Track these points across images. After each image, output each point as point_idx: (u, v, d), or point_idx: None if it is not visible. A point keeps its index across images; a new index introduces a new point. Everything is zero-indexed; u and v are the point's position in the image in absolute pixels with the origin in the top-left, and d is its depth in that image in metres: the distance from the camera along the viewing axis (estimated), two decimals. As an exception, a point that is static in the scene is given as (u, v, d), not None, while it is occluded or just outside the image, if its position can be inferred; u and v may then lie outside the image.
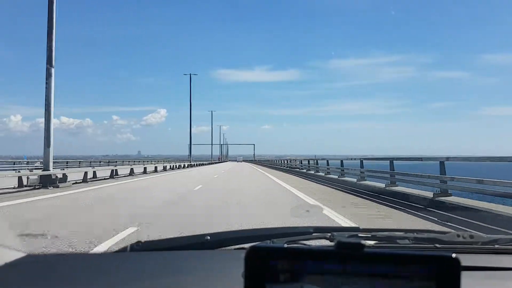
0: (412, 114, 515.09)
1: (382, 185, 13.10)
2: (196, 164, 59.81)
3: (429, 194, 9.98)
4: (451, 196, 9.40)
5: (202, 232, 1.41)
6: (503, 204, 7.82)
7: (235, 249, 1.36)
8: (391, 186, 12.47)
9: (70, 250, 4.86)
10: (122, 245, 1.40)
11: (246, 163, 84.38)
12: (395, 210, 9.38)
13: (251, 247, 0.69)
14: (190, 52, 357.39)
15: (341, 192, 14.23)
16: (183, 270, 1.16)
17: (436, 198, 9.47)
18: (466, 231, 1.37)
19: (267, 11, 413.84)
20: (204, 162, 74.22)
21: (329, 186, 16.61)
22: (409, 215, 8.54)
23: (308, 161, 29.27)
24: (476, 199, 8.77)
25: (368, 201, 11.30)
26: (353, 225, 6.74)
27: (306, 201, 11.40)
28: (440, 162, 9.97)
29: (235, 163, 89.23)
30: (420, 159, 13.99)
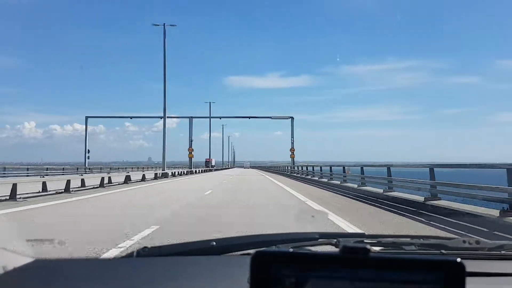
0: (426, 120, 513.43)
1: (380, 191, 13.90)
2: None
3: (421, 198, 10.79)
4: (440, 200, 10.20)
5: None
6: (487, 207, 8.60)
7: (240, 254, 1.37)
8: (388, 192, 13.27)
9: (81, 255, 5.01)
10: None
11: (262, 172, 62.46)
12: (386, 212, 10.21)
13: (257, 252, 0.69)
14: (203, 59, 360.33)
15: (341, 196, 15.06)
16: (189, 275, 1.17)
17: (427, 202, 10.26)
18: (472, 237, 1.86)
19: (279, 19, 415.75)
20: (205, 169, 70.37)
21: (331, 192, 17.42)
22: (401, 216, 9.37)
23: (313, 168, 30.13)
24: (464, 203, 9.53)
25: (363, 203, 12.15)
26: (358, 230, 7.31)
27: (310, 205, 12.24)
28: (429, 168, 10.78)
29: (241, 170, 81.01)
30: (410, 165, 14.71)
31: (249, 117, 54.10)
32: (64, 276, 1.15)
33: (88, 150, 51.30)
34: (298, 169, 38.55)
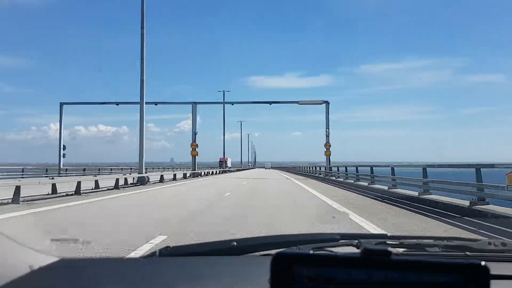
0: (446, 119, 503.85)
1: (415, 193, 12.79)
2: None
3: (465, 203, 9.69)
4: (488, 204, 9.09)
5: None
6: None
7: (261, 255, 1.36)
8: (425, 194, 12.12)
9: (104, 255, 4.78)
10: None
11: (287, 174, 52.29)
12: (429, 218, 9.09)
13: (277, 254, 0.69)
14: (222, 60, 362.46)
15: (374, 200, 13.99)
16: (210, 275, 1.17)
17: (473, 207, 9.15)
18: (498, 238, 1.65)
19: (298, 19, 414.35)
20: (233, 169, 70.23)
21: (361, 194, 16.34)
22: (445, 224, 8.28)
23: (333, 168, 29.14)
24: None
25: (400, 208, 11.08)
26: (382, 231, 6.67)
27: (333, 206, 11.26)
28: (476, 169, 9.67)
29: (262, 170, 73.60)
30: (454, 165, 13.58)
31: (270, 103, 41.04)
32: (87, 276, 1.17)
33: (64, 146, 37.41)
34: (335, 170, 28.57)
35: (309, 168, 44.45)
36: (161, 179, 26.62)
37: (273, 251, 1.22)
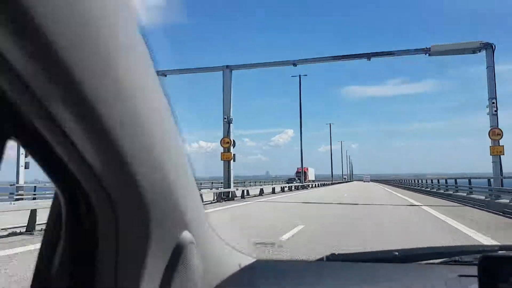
0: None
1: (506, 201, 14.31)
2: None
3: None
4: None
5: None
6: None
7: (426, 263, 1.38)
8: None
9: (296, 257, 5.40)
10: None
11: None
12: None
13: (483, 255, 0.79)
14: (318, 72, 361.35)
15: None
16: (379, 279, 1.23)
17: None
18: None
19: (396, 22, 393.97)
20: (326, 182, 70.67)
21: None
22: None
23: (443, 180, 28.26)
24: None
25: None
26: None
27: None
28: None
29: (360, 185, 68.79)
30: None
31: (369, 56, 22.56)
32: (278, 275, 1.30)
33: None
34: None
35: (422, 181, 33.40)
36: None
37: (437, 260, 1.34)
